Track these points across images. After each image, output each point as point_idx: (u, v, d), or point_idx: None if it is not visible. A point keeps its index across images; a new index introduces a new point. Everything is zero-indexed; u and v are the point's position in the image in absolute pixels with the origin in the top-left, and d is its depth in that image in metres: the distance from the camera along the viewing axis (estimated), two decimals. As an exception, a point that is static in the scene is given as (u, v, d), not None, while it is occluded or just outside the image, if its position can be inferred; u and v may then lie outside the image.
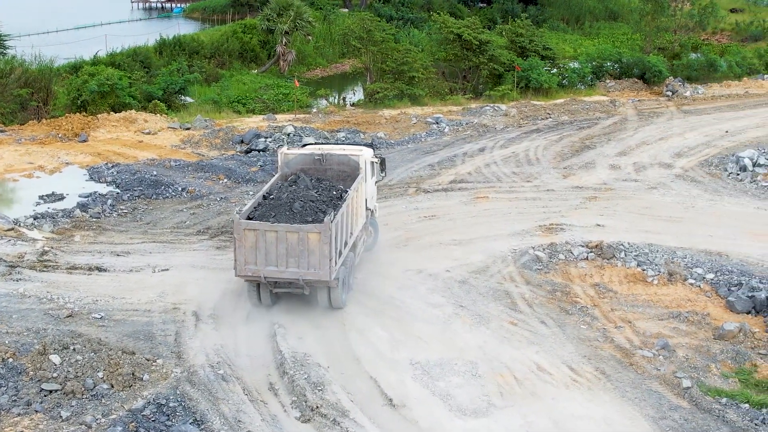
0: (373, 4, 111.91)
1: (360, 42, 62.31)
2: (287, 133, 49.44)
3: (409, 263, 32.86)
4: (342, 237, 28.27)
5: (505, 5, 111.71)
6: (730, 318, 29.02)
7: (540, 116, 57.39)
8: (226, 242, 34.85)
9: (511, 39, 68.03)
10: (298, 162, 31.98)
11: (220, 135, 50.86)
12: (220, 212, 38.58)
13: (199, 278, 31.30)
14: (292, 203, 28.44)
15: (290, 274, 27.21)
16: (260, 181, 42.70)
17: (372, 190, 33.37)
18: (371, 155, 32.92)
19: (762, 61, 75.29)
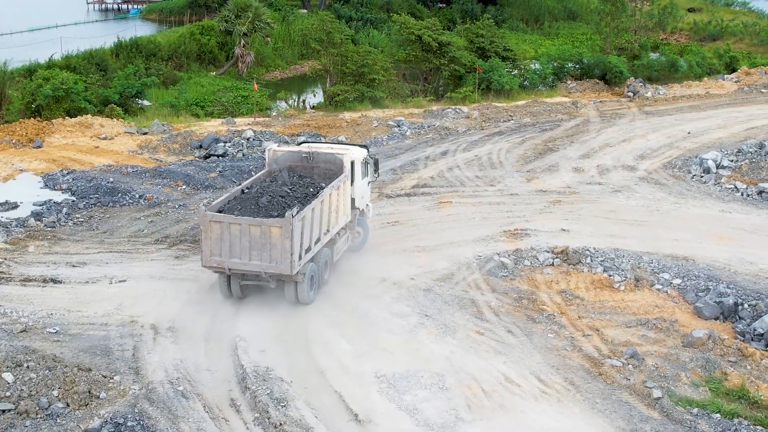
0: (332, 4, 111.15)
1: (319, 44, 61.51)
2: (247, 138, 48.68)
3: (373, 271, 32.28)
4: (311, 233, 28.46)
5: (464, 5, 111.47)
6: (699, 324, 28.70)
7: (502, 118, 56.98)
8: (185, 251, 34.10)
9: (471, 40, 67.48)
10: (286, 159, 32.20)
11: (179, 140, 49.96)
12: (178, 220, 37.73)
13: (157, 289, 30.50)
14: (260, 197, 28.81)
15: (253, 266, 27.66)
16: (219, 187, 41.91)
17: (362, 190, 33.39)
18: (363, 155, 33.26)
19: (722, 62, 75.44)
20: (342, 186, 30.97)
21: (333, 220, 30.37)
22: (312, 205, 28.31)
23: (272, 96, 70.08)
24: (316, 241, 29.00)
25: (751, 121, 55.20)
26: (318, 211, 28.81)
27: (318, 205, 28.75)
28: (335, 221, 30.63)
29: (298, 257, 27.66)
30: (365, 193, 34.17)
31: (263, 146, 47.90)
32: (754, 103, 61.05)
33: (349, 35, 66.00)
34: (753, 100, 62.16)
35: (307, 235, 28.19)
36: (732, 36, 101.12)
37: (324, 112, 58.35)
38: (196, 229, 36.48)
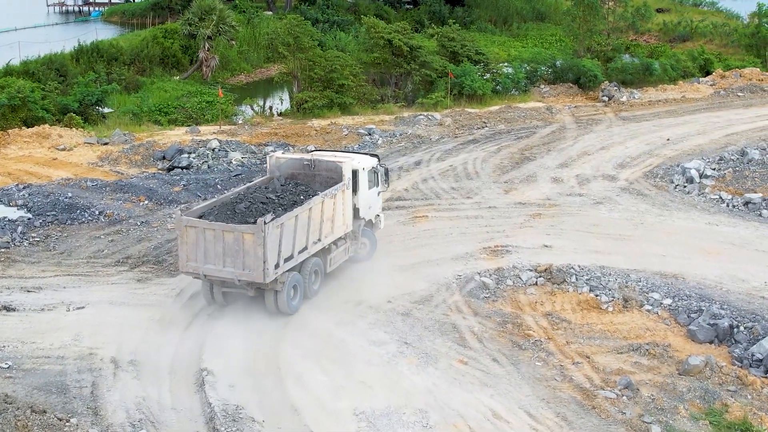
0: (297, 6, 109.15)
1: (287, 48, 59.51)
2: (212, 148, 46.73)
3: (347, 293, 30.66)
4: (294, 241, 28.00)
5: (432, 7, 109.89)
6: (692, 348, 27.31)
7: (476, 125, 55.29)
8: (147, 274, 32.24)
9: (443, 44, 65.76)
10: (289, 166, 31.90)
11: (141, 151, 47.79)
12: (140, 239, 35.78)
13: (118, 317, 28.63)
14: (238, 203, 28.60)
15: (227, 273, 27.29)
16: (183, 202, 39.93)
17: (368, 200, 32.83)
18: (370, 164, 32.80)
19: (696, 64, 74.18)
20: (339, 195, 30.36)
21: (326, 229, 29.79)
22: (294, 212, 27.80)
23: (238, 101, 68.21)
24: (301, 249, 28.54)
25: (731, 126, 53.89)
26: (303, 219, 28.31)
27: (303, 212, 28.24)
28: (329, 231, 30.06)
29: (275, 265, 27.14)
30: (373, 204, 33.43)
31: (229, 157, 46.04)
32: (731, 108, 59.81)
33: (318, 39, 63.95)
34: (730, 105, 60.92)
35: (288, 243, 27.68)
36: (702, 37, 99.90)
37: (292, 120, 56.47)
38: (159, 248, 34.73)
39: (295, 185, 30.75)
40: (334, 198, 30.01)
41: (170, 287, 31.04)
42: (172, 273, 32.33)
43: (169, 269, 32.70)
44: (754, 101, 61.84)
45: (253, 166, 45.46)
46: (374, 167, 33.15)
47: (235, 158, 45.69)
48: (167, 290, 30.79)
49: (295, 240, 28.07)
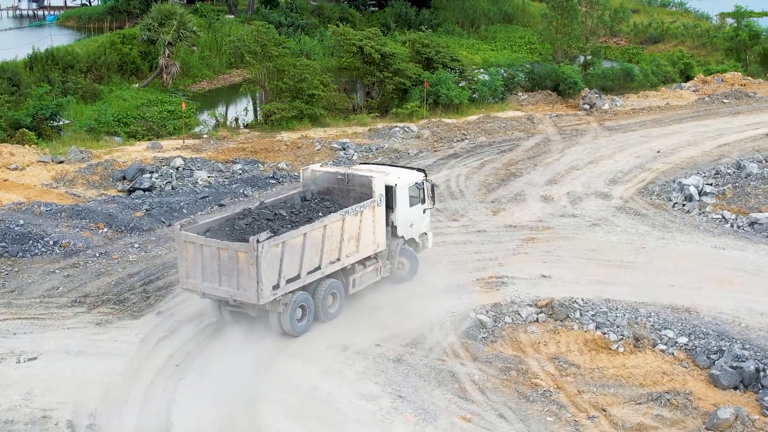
0: (259, 9, 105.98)
1: (254, 57, 56.25)
2: (176, 167, 43.45)
3: (331, 336, 27.74)
4: (301, 261, 26.72)
5: (398, 9, 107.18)
6: (717, 396, 24.72)
7: (455, 137, 52.40)
8: (107, 316, 29.12)
9: (417, 50, 62.78)
10: (324, 180, 30.71)
11: (99, 170, 44.19)
12: (99, 273, 32.58)
13: (75, 369, 25.60)
14: (240, 219, 27.30)
15: (223, 292, 26.28)
16: (146, 229, 36.78)
17: (409, 218, 31.26)
18: (412, 180, 31.36)
19: (676, 69, 71.85)
20: (368, 212, 28.93)
21: (349, 248, 28.45)
22: (300, 230, 26.56)
23: (200, 108, 65.04)
24: (312, 269, 27.25)
25: (721, 136, 51.41)
26: (315, 237, 27.02)
27: (315, 231, 26.98)
28: (353, 250, 28.68)
29: (273, 286, 25.86)
30: (416, 222, 31.75)
31: (194, 177, 42.82)
32: (718, 116, 57.38)
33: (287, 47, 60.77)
34: (717, 112, 58.48)
35: (293, 262, 26.45)
36: (673, 38, 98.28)
37: (260, 133, 53.23)
38: (120, 284, 31.59)
39: (320, 200, 29.48)
40: (359, 215, 28.53)
41: (133, 332, 27.98)
42: (134, 314, 29.25)
43: (131, 310, 29.60)
44: (740, 108, 59.46)
45: (221, 186, 42.22)
46: (417, 183, 31.43)
47: (201, 178, 42.51)
48: (130, 335, 27.72)
49: (303, 259, 26.72)
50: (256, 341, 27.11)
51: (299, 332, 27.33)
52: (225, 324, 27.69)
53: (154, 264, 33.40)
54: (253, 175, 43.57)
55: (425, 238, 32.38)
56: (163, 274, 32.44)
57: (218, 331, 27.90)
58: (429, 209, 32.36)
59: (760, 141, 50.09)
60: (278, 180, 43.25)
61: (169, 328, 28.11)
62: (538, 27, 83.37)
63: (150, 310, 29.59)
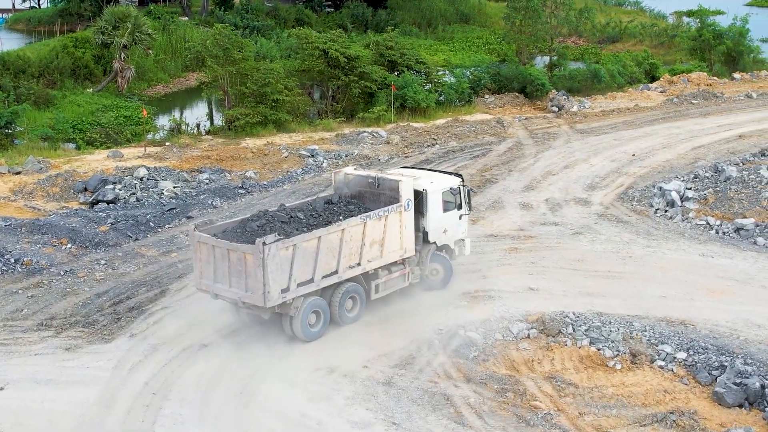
0: (214, 11, 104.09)
1: (216, 62, 54.49)
2: (140, 178, 41.68)
3: (316, 357, 26.35)
4: (315, 265, 26.46)
5: (354, 10, 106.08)
6: (722, 415, 23.74)
7: (425, 143, 51.13)
8: (77, 340, 27.47)
9: (381, 53, 61.38)
10: (357, 183, 30.18)
11: (59, 181, 42.13)
12: (65, 293, 30.86)
13: (45, 400, 23.99)
14: (253, 221, 27.16)
15: (233, 293, 26.19)
16: (113, 244, 35.08)
17: (441, 223, 30.57)
18: (446, 185, 30.72)
19: (641, 69, 71.24)
20: (394, 217, 28.44)
21: (371, 253, 28.10)
22: (314, 234, 26.29)
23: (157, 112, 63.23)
24: (328, 273, 26.96)
25: (695, 138, 50.68)
26: (332, 241, 26.73)
27: (331, 235, 26.68)
28: (377, 255, 28.31)
29: (282, 289, 25.64)
30: (451, 228, 31.03)
31: (159, 187, 41.11)
32: (689, 117, 56.70)
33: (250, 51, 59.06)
34: (687, 114, 57.80)
35: (306, 266, 26.22)
36: (632, 38, 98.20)
37: (223, 139, 51.52)
38: (88, 305, 29.96)
39: (346, 204, 29.15)
40: (383, 220, 28.13)
41: (105, 357, 26.36)
42: (105, 338, 27.61)
43: (102, 333, 27.94)
44: (709, 109, 58.88)
45: (188, 197, 40.55)
46: (452, 188, 30.79)
47: (166, 188, 40.79)
48: (102, 361, 26.09)
49: (317, 263, 26.44)
50: (238, 363, 25.74)
51: (311, 338, 27.02)
52: (243, 325, 27.78)
53: (122, 282, 31.76)
54: (222, 185, 41.96)
55: (462, 245, 31.71)
56: (133, 293, 30.83)
57: (196, 354, 26.46)
58: (465, 215, 31.59)
59: (734, 143, 49.45)
60: (247, 190, 41.69)
61: (144, 353, 26.54)
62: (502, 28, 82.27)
63: (122, 332, 27.97)
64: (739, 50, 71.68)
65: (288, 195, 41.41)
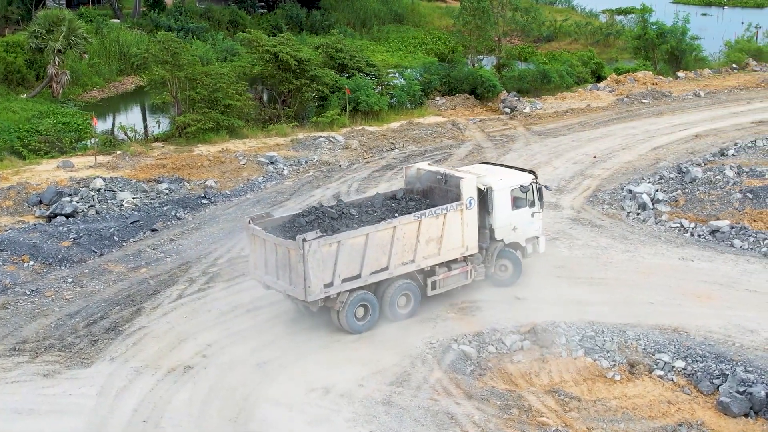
0: (147, 13, 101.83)
1: (164, 68, 52.86)
2: (97, 189, 40.10)
3: (309, 376, 25.32)
4: (363, 261, 26.81)
5: (289, 11, 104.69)
6: (729, 425, 23.66)
7: (384, 147, 50.23)
8: (54, 365, 26.11)
9: (331, 56, 60.27)
10: (428, 179, 30.23)
11: (11, 194, 40.03)
12: (34, 314, 29.38)
13: (29, 432, 22.51)
14: (303, 216, 27.68)
15: (279, 286, 27.11)
16: (77, 260, 33.60)
17: (513, 221, 30.45)
18: (515, 183, 30.55)
19: (588, 69, 71.26)
20: (454, 214, 28.47)
21: (428, 250, 28.22)
22: (360, 231, 26.63)
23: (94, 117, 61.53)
24: (377, 270, 27.27)
25: (652, 139, 50.59)
26: (382, 238, 27.00)
27: (382, 232, 26.97)
28: (434, 252, 28.40)
29: (326, 284, 26.24)
30: (521, 225, 30.81)
31: (118, 199, 39.58)
32: (642, 117, 56.63)
33: (196, 56, 57.55)
34: (639, 113, 57.72)
35: (353, 262, 26.64)
36: (567, 36, 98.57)
37: (175, 147, 49.96)
38: (61, 326, 28.58)
39: (408, 200, 29.62)
40: (441, 217, 28.18)
41: (87, 383, 25.02)
42: (84, 362, 26.25)
43: (80, 357, 26.57)
44: (661, 108, 58.93)
45: (151, 209, 39.09)
46: (523, 186, 30.58)
47: (126, 200, 39.28)
48: (84, 387, 24.76)
49: (365, 259, 26.79)
50: (227, 387, 24.67)
51: (358, 331, 27.48)
52: (301, 316, 28.33)
53: (93, 301, 30.35)
54: (183, 196, 40.58)
55: (536, 242, 31.47)
56: (106, 312, 29.46)
57: (182, 377, 25.29)
58: (538, 213, 31.26)
59: (692, 143, 49.50)
60: (211, 200, 40.43)
61: (127, 377, 25.27)
62: (437, 28, 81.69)
63: (100, 356, 26.62)
64: (682, 49, 72.01)
65: (252, 204, 40.28)
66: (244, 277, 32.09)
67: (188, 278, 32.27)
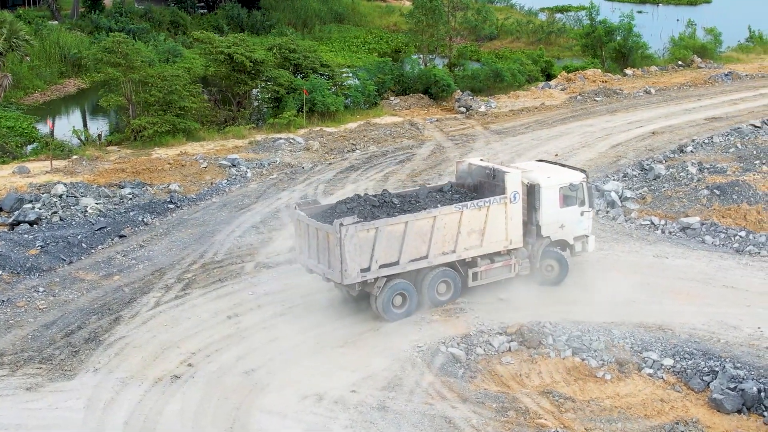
0: (86, 14, 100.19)
1: (118, 70, 51.83)
2: (59, 195, 39.17)
3: (300, 384, 24.99)
4: (401, 248, 27.61)
5: (230, 11, 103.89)
6: (723, 422, 23.69)
7: (345, 148, 49.82)
8: (36, 377, 25.47)
9: (286, 57, 59.66)
10: (478, 174, 30.76)
11: (-30, 202, 39.18)
12: (8, 325, 28.58)
13: (19, 450, 21.84)
14: (346, 203, 28.64)
15: (320, 269, 28.11)
16: (46, 269, 32.76)
17: (560, 219, 30.76)
18: (567, 180, 30.87)
19: (538, 67, 71.55)
20: (497, 208, 29.02)
21: (470, 241, 28.87)
22: (399, 219, 27.44)
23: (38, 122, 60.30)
24: (417, 258, 28.06)
25: (610, 136, 50.87)
26: (422, 227, 27.76)
27: (421, 221, 27.70)
28: (475, 244, 29.02)
29: (362, 269, 27.11)
30: (569, 223, 31.06)
31: (81, 204, 38.71)
32: (597, 115, 56.91)
33: (149, 58, 56.63)
34: (594, 111, 58.00)
35: (391, 249, 27.45)
36: (509, 35, 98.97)
37: (132, 150, 49.05)
38: (38, 338, 27.89)
39: (454, 193, 30.17)
40: (485, 210, 28.77)
41: (73, 396, 24.42)
42: (67, 374, 25.57)
43: (62, 369, 25.88)
44: (614, 106, 59.30)
45: (117, 214, 38.28)
46: (573, 184, 30.80)
47: (89, 206, 38.40)
48: (71, 400, 24.16)
49: (404, 247, 27.56)
50: (217, 396, 24.20)
51: (393, 318, 28.22)
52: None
53: (68, 310, 29.61)
54: (149, 200, 39.80)
55: (585, 241, 31.72)
56: (83, 322, 28.74)
57: (170, 387, 24.77)
58: (588, 212, 31.43)
59: (650, 140, 49.90)
60: (177, 204, 39.72)
61: (114, 389, 24.66)
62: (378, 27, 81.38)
63: (83, 367, 25.95)
64: (629, 46, 72.63)
65: (219, 208, 39.72)
66: (221, 283, 31.70)
67: (164, 285, 31.63)
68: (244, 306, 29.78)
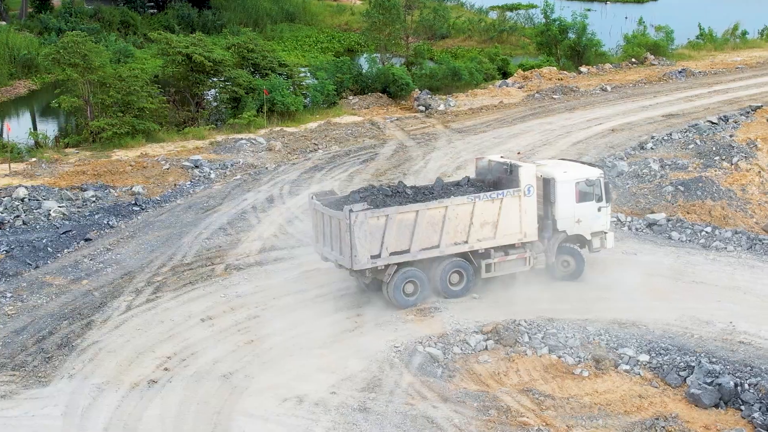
0: (34, 15, 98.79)
1: (76, 70, 51.10)
2: (20, 198, 38.56)
3: (279, 387, 24.81)
4: (412, 237, 28.18)
5: (180, 11, 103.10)
6: (701, 417, 24.01)
7: (307, 148, 49.59)
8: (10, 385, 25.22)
9: (244, 56, 59.28)
10: (497, 170, 30.89)
11: (-71, 206, 38.40)
12: (-21, 332, 28.08)
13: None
14: (360, 192, 29.52)
15: (333, 256, 28.89)
16: (12, 274, 32.24)
17: (577, 214, 31.09)
18: (583, 176, 31.36)
19: (494, 65, 71.79)
20: (510, 200, 29.38)
21: (482, 233, 29.32)
22: (409, 207, 28.06)
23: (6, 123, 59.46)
24: (428, 247, 28.58)
25: (570, 134, 51.09)
26: (434, 217, 28.29)
27: (432, 210, 28.24)
28: (488, 235, 29.45)
29: (372, 255, 27.77)
30: (586, 219, 31.39)
31: (44, 208, 38.15)
32: (555, 112, 57.06)
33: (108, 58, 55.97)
34: (552, 109, 58.17)
35: (401, 237, 28.04)
36: (461, 33, 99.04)
37: (91, 152, 48.40)
38: (9, 344, 27.55)
39: (468, 187, 30.39)
40: (498, 202, 29.21)
41: (49, 403, 24.06)
42: (42, 381, 25.19)
43: (36, 375, 25.50)
44: (572, 104, 59.53)
45: (81, 218, 37.78)
46: (589, 180, 31.28)
47: (53, 209, 37.87)
48: (48, 408, 23.79)
49: (415, 235, 28.12)
50: (196, 400, 23.96)
51: (404, 306, 28.85)
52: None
53: (38, 316, 29.15)
54: (113, 203, 39.34)
55: (603, 237, 31.97)
56: (54, 328, 28.31)
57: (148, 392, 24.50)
58: (605, 208, 31.71)
59: (609, 137, 50.19)
60: (142, 207, 39.28)
61: (91, 395, 24.33)
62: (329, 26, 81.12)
63: (58, 373, 25.59)
64: (584, 44, 73.06)
65: (184, 210, 39.36)
66: (192, 286, 31.45)
67: (134, 289, 31.27)
68: (217, 309, 29.55)
